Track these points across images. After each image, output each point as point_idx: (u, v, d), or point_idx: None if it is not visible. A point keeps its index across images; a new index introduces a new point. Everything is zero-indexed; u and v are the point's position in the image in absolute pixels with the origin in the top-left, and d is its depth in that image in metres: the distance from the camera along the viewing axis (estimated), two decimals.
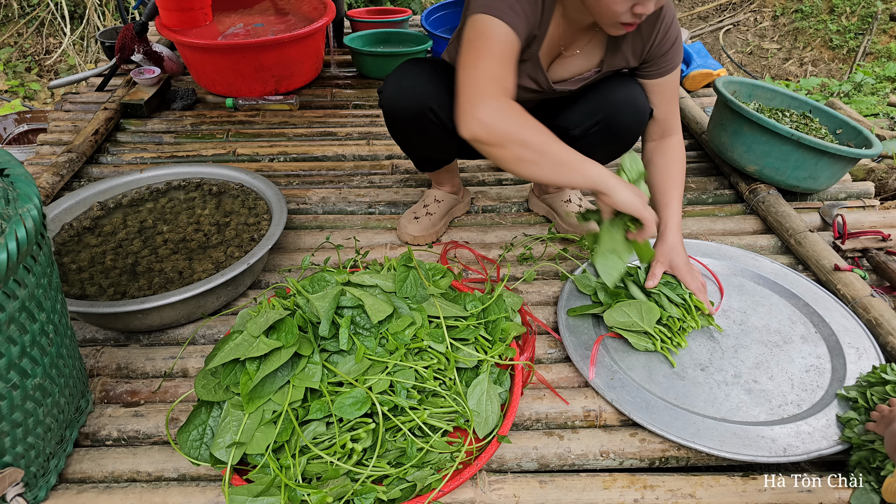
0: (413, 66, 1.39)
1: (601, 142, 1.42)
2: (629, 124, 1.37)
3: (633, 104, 1.35)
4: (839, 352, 1.26)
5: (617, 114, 1.35)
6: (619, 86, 1.35)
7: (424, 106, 1.34)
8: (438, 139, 1.43)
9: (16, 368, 0.84)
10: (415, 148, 1.52)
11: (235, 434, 0.97)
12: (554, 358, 1.31)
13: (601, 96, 1.36)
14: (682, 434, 1.09)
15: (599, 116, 1.36)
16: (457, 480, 0.98)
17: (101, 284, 1.34)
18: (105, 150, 2.16)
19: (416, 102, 1.34)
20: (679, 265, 1.31)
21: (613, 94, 1.35)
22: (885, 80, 3.95)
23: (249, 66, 2.43)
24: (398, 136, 1.48)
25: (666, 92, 1.38)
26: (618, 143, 1.42)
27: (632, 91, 1.35)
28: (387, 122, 1.45)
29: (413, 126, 1.39)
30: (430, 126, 1.38)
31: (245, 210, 1.58)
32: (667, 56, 1.33)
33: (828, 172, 1.70)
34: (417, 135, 1.43)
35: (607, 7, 1.07)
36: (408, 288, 1.19)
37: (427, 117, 1.36)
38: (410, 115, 1.36)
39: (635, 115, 1.36)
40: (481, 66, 1.08)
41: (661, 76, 1.36)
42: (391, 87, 1.37)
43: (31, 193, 0.85)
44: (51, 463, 1.00)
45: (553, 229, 1.69)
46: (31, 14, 4.43)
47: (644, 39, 1.29)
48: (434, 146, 1.48)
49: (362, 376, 1.06)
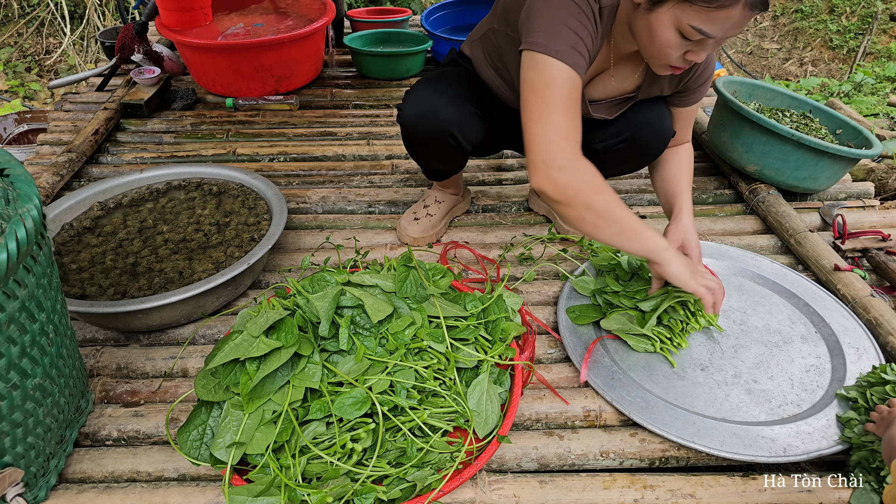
0: (435, 87, 1.36)
1: (623, 158, 1.43)
2: (654, 145, 1.38)
3: (659, 127, 1.36)
4: (839, 352, 1.26)
5: (643, 134, 1.36)
6: (648, 107, 1.36)
7: (446, 132, 1.33)
8: (454, 159, 1.45)
9: (16, 368, 0.84)
10: (427, 163, 1.53)
11: (235, 434, 0.97)
12: (554, 358, 1.31)
13: (629, 115, 1.37)
14: (682, 434, 1.09)
15: (626, 135, 1.37)
16: (457, 480, 0.98)
17: (101, 284, 1.34)
18: (105, 150, 2.16)
19: (437, 126, 1.33)
20: (692, 244, 1.30)
21: (642, 114, 1.36)
22: (885, 80, 3.95)
23: (249, 66, 2.43)
24: (414, 152, 1.48)
25: (689, 117, 1.42)
26: (639, 160, 1.44)
27: (660, 113, 1.36)
28: (404, 139, 1.44)
29: (431, 147, 1.40)
30: (448, 149, 1.38)
31: (245, 210, 1.58)
32: (700, 89, 1.35)
33: (828, 172, 1.70)
34: (434, 156, 1.44)
35: (660, 49, 1.05)
36: (408, 288, 1.19)
37: (447, 142, 1.36)
38: (430, 137, 1.35)
39: (660, 137, 1.37)
40: (553, 121, 1.06)
41: (691, 104, 1.38)
42: (413, 107, 1.35)
43: (31, 193, 0.85)
44: (51, 463, 1.00)
45: (553, 229, 1.69)
46: (31, 14, 4.43)
47: (683, 74, 1.30)
48: (447, 164, 1.49)
49: (362, 376, 1.06)
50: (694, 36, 0.99)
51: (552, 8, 1.08)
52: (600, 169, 1.50)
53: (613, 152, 1.41)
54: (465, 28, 3.09)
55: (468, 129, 1.36)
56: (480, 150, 1.59)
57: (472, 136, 1.38)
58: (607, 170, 1.52)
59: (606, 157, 1.44)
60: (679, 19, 0.99)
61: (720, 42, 1.04)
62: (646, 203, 1.89)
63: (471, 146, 1.40)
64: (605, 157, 1.43)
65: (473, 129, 1.37)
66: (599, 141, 1.41)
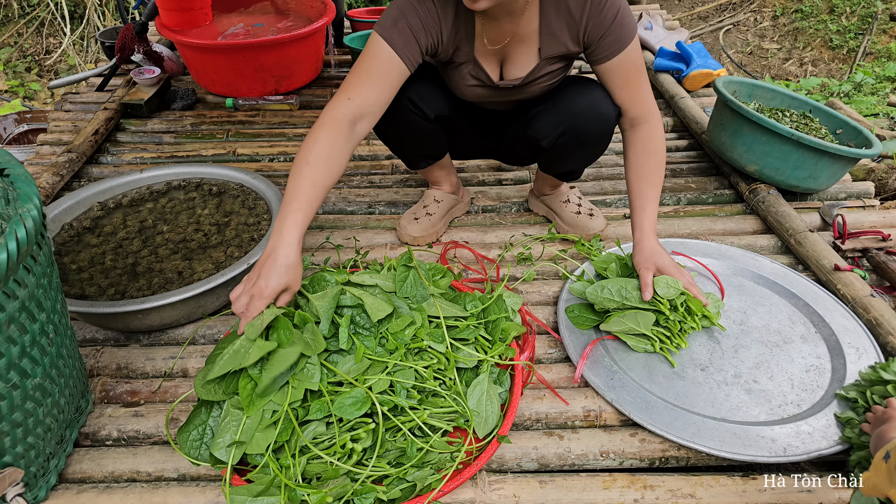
0: None
1: (570, 151, 1.42)
2: (594, 132, 1.35)
3: (595, 111, 1.32)
4: (839, 352, 1.26)
5: (580, 123, 1.34)
6: (580, 94, 1.34)
7: (404, 97, 1.34)
8: (423, 132, 1.44)
9: (16, 368, 0.84)
10: (401, 144, 1.53)
11: (235, 434, 0.96)
12: (554, 358, 1.31)
13: (564, 106, 1.35)
14: (682, 434, 1.09)
15: (563, 127, 1.36)
16: (457, 480, 0.98)
17: (100, 284, 1.34)
18: (105, 150, 2.16)
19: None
20: (666, 266, 1.28)
21: (575, 102, 1.33)
22: (885, 80, 3.95)
23: (249, 66, 2.43)
24: (383, 133, 1.48)
25: (620, 75, 1.29)
26: (587, 149, 1.42)
27: (594, 98, 1.32)
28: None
29: (395, 122, 1.40)
30: (410, 117, 1.39)
31: (245, 210, 1.58)
32: (608, 36, 1.24)
33: (828, 172, 1.70)
34: (401, 128, 1.43)
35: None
36: (408, 288, 1.19)
37: (406, 107, 1.36)
38: (391, 108, 1.34)
39: (599, 123, 1.33)
40: (347, 79, 1.23)
41: (608, 59, 1.27)
42: None
43: (31, 193, 0.85)
44: (51, 463, 1.00)
45: (553, 229, 1.69)
46: (31, 14, 4.43)
47: (576, 21, 1.25)
48: (420, 141, 1.48)
49: (362, 376, 1.06)
50: None
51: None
52: (558, 164, 1.52)
53: (559, 147, 1.40)
54: None
55: (427, 95, 1.36)
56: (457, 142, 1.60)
57: (433, 103, 1.38)
58: (566, 164, 1.51)
59: (556, 153, 1.43)
60: None
61: None
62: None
63: (433, 113, 1.39)
64: (555, 152, 1.42)
65: (433, 96, 1.38)
66: (543, 137, 1.39)
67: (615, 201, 1.87)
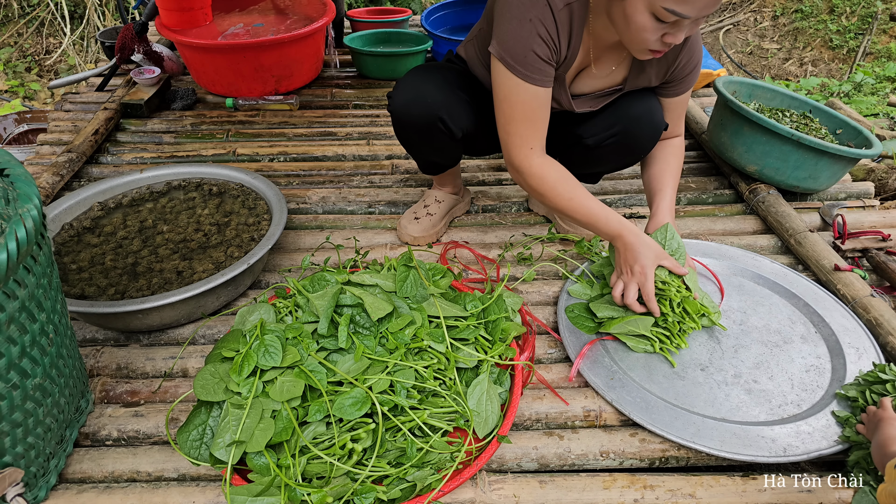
0: (424, 74, 1.39)
1: (614, 153, 1.43)
2: (645, 139, 1.38)
3: (650, 119, 1.35)
4: (839, 352, 1.26)
5: (634, 128, 1.36)
6: (638, 100, 1.36)
7: (435, 116, 1.34)
8: (446, 147, 1.44)
9: (16, 368, 0.84)
10: (421, 153, 1.53)
11: (235, 434, 0.97)
12: (554, 358, 1.31)
13: (620, 109, 1.37)
14: (682, 434, 1.09)
15: (617, 129, 1.37)
16: (457, 480, 0.98)
17: (100, 284, 1.34)
18: (105, 150, 2.16)
19: (426, 111, 1.34)
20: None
21: (632, 108, 1.35)
22: (885, 80, 3.95)
23: (249, 66, 2.43)
24: (406, 141, 1.49)
25: (679, 108, 1.41)
26: (631, 154, 1.44)
27: (651, 106, 1.35)
28: (395, 127, 1.45)
29: (422, 134, 1.40)
30: (438, 135, 1.38)
31: (245, 210, 1.58)
32: (688, 78, 1.34)
33: (828, 172, 1.70)
34: (426, 143, 1.44)
35: (637, 34, 1.07)
36: (408, 288, 1.19)
37: (437, 127, 1.36)
38: (420, 123, 1.36)
39: (651, 130, 1.37)
40: (511, 130, 1.24)
41: (677, 95, 1.37)
42: (402, 94, 1.37)
43: (31, 193, 0.85)
44: (51, 463, 1.00)
45: (553, 229, 1.69)
46: (31, 14, 4.43)
47: (669, 63, 1.30)
48: (441, 153, 1.49)
49: (362, 376, 1.06)
50: (668, 18, 1.01)
51: (511, 11, 1.15)
52: (593, 164, 1.52)
53: (604, 147, 1.41)
54: (465, 28, 3.09)
55: (457, 113, 1.36)
56: (476, 145, 1.57)
57: (462, 121, 1.38)
58: (600, 165, 1.52)
59: (598, 152, 1.43)
60: (652, 3, 1.01)
61: (697, 23, 1.06)
62: (645, 204, 1.89)
63: (461, 132, 1.39)
64: (597, 151, 1.43)
65: (462, 114, 1.38)
66: (590, 136, 1.40)
67: (615, 201, 1.87)
